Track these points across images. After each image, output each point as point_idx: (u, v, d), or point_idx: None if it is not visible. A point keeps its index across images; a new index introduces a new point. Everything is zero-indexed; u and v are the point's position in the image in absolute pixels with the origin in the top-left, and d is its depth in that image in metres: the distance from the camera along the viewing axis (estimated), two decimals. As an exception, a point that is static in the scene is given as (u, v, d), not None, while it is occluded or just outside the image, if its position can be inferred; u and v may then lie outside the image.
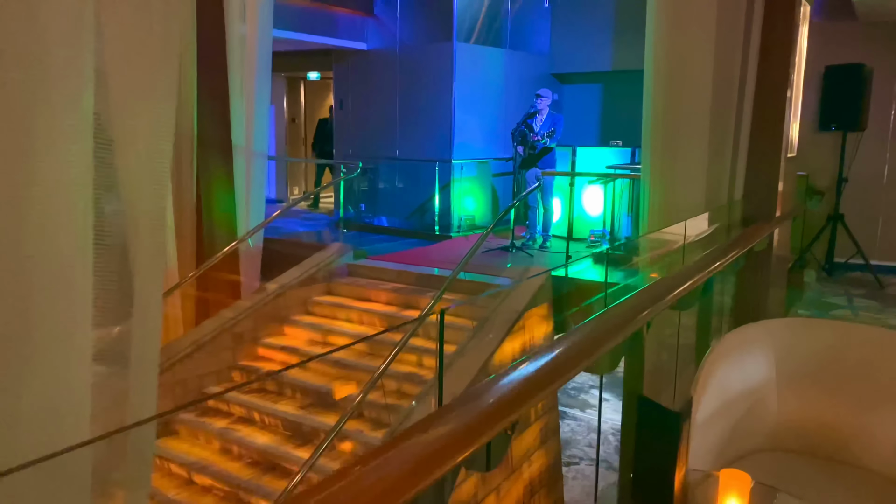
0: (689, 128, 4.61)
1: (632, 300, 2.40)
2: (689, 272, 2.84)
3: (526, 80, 9.71)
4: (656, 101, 4.66)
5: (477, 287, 6.24)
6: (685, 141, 4.64)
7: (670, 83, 4.59)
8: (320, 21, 9.32)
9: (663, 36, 4.37)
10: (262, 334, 6.29)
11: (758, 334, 2.28)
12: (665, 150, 4.70)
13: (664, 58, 4.35)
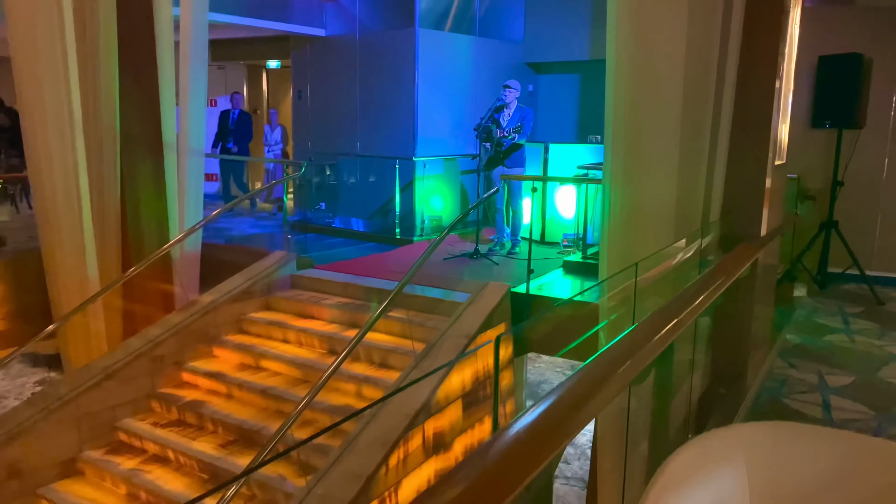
0: (656, 124, 3.93)
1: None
2: (645, 333, 2.16)
3: (498, 70, 9.00)
4: (618, 92, 3.97)
5: (429, 303, 5.56)
6: (651, 140, 3.95)
7: (634, 71, 3.91)
8: (276, 5, 8.56)
9: (625, 16, 3.68)
10: (188, 356, 5.59)
11: (725, 444, 1.61)
12: (628, 150, 4.01)
13: (626, 42, 3.67)
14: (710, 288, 2.76)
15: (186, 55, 6.40)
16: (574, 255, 6.77)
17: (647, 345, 2.07)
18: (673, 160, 3.70)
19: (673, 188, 3.71)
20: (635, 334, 2.16)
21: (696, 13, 3.58)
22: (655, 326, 2.22)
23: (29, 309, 6.48)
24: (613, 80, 3.78)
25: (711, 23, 3.73)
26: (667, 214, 3.79)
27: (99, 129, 6.10)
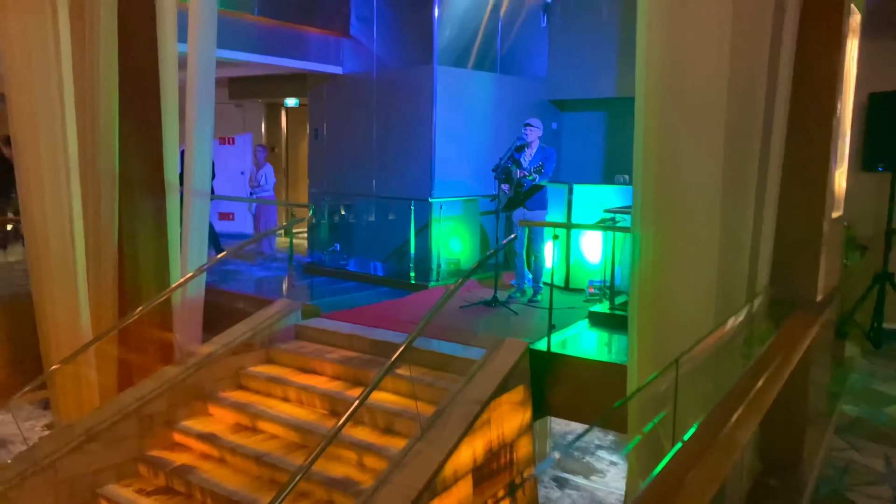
0: (693, 167, 3.47)
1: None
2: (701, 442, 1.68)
3: (520, 108, 8.64)
4: (649, 131, 3.52)
5: (441, 360, 5.10)
6: (688, 184, 3.49)
7: (667, 108, 3.46)
8: (292, 43, 8.33)
9: (657, 49, 3.25)
10: (181, 415, 5.18)
11: None
12: (661, 195, 3.54)
13: (659, 77, 3.24)
14: (765, 375, 2.27)
15: (192, 93, 6.11)
16: (601, 306, 6.27)
17: (710, 457, 1.60)
18: (713, 207, 3.23)
19: (714, 239, 3.24)
20: (689, 450, 1.69)
21: (739, 45, 3.15)
22: (712, 431, 1.74)
23: (22, 357, 6.15)
24: (644, 117, 3.35)
25: (757, 55, 3.28)
26: (706, 269, 3.31)
27: (96, 170, 5.82)
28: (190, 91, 6.09)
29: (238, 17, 7.48)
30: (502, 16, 8.50)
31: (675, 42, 3.22)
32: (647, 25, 3.23)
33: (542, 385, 4.90)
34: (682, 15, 3.17)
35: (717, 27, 3.15)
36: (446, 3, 7.79)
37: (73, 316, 5.78)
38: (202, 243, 6.43)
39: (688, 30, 3.19)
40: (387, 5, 8.23)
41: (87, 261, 5.85)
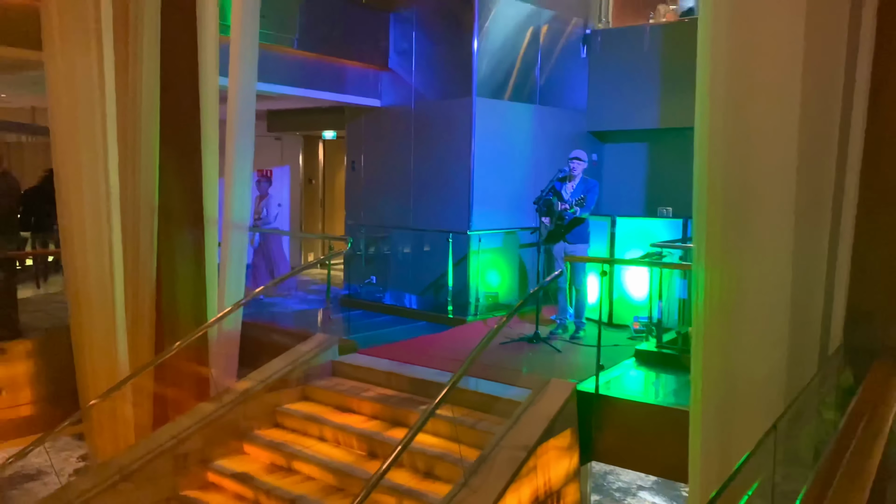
0: (761, 199, 3.26)
1: None
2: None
3: (559, 140, 8.50)
4: (713, 160, 3.32)
5: (483, 401, 4.90)
6: (755, 216, 3.28)
7: (731, 137, 3.27)
8: (331, 76, 8.35)
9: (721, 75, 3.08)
10: (216, 453, 5.06)
11: None
12: (726, 228, 3.33)
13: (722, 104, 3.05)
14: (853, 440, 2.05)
15: (232, 126, 6.11)
16: (648, 343, 6.03)
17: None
18: (784, 242, 3.02)
19: (786, 276, 3.02)
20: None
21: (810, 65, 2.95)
22: None
23: (58, 391, 6.11)
24: (706, 148, 3.15)
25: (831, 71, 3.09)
26: (777, 308, 3.08)
27: (136, 203, 5.81)
28: (230, 124, 6.09)
29: (278, 51, 7.51)
30: (541, 47, 8.42)
31: (740, 68, 3.05)
32: (709, 53, 3.07)
33: (589, 428, 4.67)
34: (747, 40, 3.01)
35: (786, 50, 2.98)
36: (485, 35, 7.74)
37: (111, 349, 5.73)
38: (240, 276, 6.36)
39: (754, 56, 3.02)
40: (426, 38, 8.22)
41: (126, 293, 5.81)
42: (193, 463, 4.93)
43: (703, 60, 3.10)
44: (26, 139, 13.53)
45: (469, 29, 7.68)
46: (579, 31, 8.96)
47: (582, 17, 8.98)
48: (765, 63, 3.08)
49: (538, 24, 8.34)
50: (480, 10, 7.65)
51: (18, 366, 6.09)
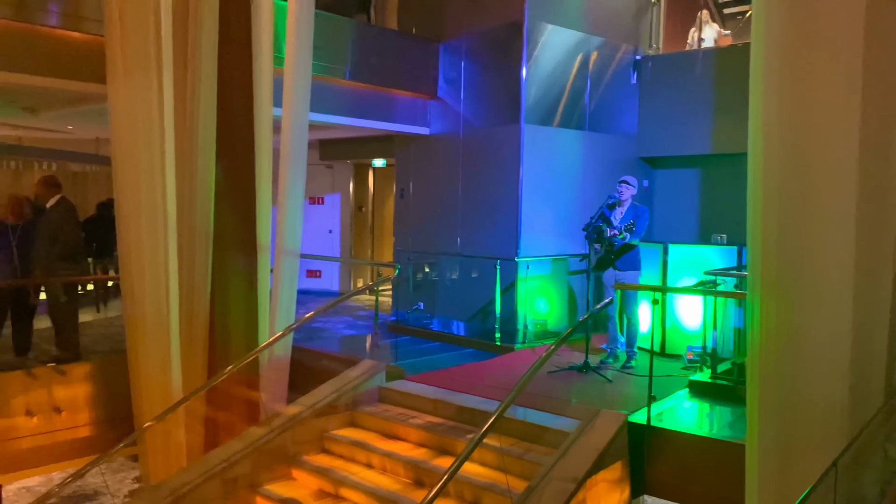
0: (821, 228, 3.15)
1: None
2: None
3: (609, 166, 8.43)
4: (769, 186, 3.23)
5: (531, 431, 4.83)
6: (815, 247, 3.17)
7: (787, 163, 3.17)
8: (381, 106, 8.49)
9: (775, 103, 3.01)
10: (264, 478, 5.11)
11: None
12: (783, 258, 3.23)
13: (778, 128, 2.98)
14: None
15: (286, 155, 6.25)
16: (702, 374, 5.86)
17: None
18: (845, 271, 2.91)
19: (846, 307, 2.90)
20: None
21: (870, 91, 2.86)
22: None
23: (115, 414, 6.26)
24: (760, 175, 3.08)
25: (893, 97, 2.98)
26: (837, 340, 2.96)
27: (192, 230, 5.96)
28: (283, 153, 6.23)
29: (330, 82, 7.68)
30: (591, 74, 8.41)
31: (796, 94, 2.98)
32: (763, 78, 3.00)
33: (641, 461, 4.55)
34: (801, 64, 2.94)
35: (843, 73, 2.89)
36: (534, 62, 7.77)
37: (165, 373, 5.86)
38: (291, 302, 6.46)
39: (811, 80, 2.95)
40: (475, 67, 8.29)
41: (181, 318, 5.94)
42: (242, 487, 4.97)
43: (756, 85, 3.03)
44: (90, 169, 14.10)
45: (517, 57, 7.73)
46: (629, 58, 8.92)
47: (632, 44, 8.94)
48: (820, 87, 3.00)
49: (587, 50, 8.34)
50: (529, 38, 7.70)
51: (78, 388, 6.27)
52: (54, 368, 6.17)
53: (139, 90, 5.57)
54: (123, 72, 5.58)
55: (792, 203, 3.08)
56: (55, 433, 6.15)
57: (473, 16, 8.30)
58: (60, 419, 6.16)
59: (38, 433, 6.05)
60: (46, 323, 7.19)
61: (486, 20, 8.15)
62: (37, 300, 7.02)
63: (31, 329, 6.93)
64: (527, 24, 7.68)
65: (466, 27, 8.36)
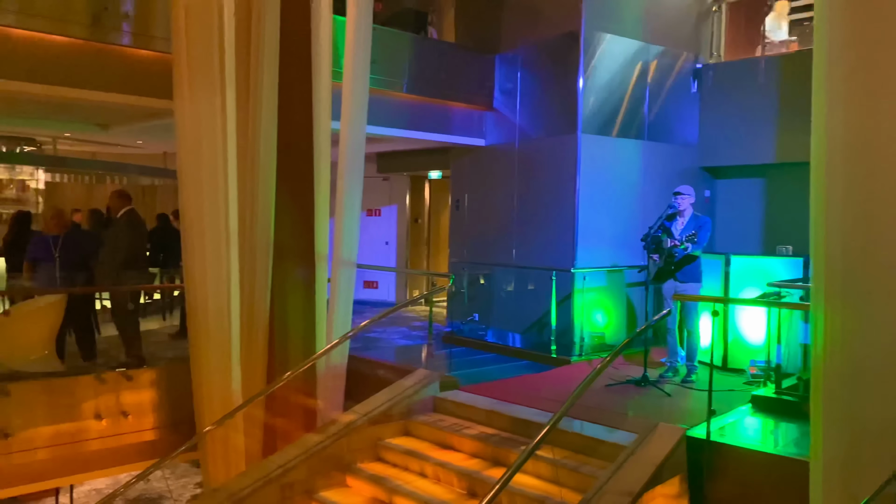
0: (888, 233, 3.01)
1: None
2: None
3: (669, 176, 8.26)
4: (832, 197, 3.11)
5: (586, 444, 4.76)
6: (880, 258, 3.04)
7: (852, 172, 3.05)
8: (437, 118, 8.57)
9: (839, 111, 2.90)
10: (319, 485, 5.17)
11: None
12: (846, 270, 3.10)
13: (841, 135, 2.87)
14: None
15: (343, 167, 6.37)
16: (765, 389, 5.67)
17: None
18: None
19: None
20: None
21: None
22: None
23: (178, 419, 6.45)
24: (823, 184, 2.98)
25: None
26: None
27: (254, 241, 6.11)
28: (341, 166, 6.35)
29: (388, 95, 7.79)
30: (650, 83, 8.29)
31: (859, 101, 2.87)
32: (826, 85, 2.91)
33: (701, 477, 4.42)
34: (867, 70, 2.83)
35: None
36: (591, 72, 7.71)
37: (226, 380, 6.00)
38: (347, 311, 6.55)
39: (875, 86, 2.84)
40: (531, 77, 8.29)
41: (241, 326, 6.09)
42: (298, 493, 5.05)
43: (819, 93, 2.94)
44: (158, 182, 14.65)
45: (574, 67, 7.69)
46: (689, 66, 8.76)
47: (692, 52, 8.79)
48: (885, 94, 2.88)
49: (646, 59, 8.23)
50: (586, 48, 7.65)
51: (143, 393, 6.48)
52: (122, 374, 6.40)
53: (204, 105, 5.77)
54: (189, 88, 5.79)
55: (856, 213, 2.96)
56: (122, 436, 6.36)
57: (530, 27, 8.31)
58: (127, 423, 6.37)
59: (106, 436, 6.27)
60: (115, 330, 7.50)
61: (543, 31, 8.14)
62: (93, 308, 7.37)
63: (92, 335, 7.22)
64: (584, 34, 7.63)
65: (522, 38, 8.37)
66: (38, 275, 6.92)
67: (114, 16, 6.05)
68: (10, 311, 6.72)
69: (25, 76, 5.85)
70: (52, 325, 6.59)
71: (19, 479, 5.96)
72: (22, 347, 6.43)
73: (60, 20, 5.77)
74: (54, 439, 5.98)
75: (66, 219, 7.23)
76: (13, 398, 5.75)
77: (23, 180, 12.11)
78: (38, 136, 11.77)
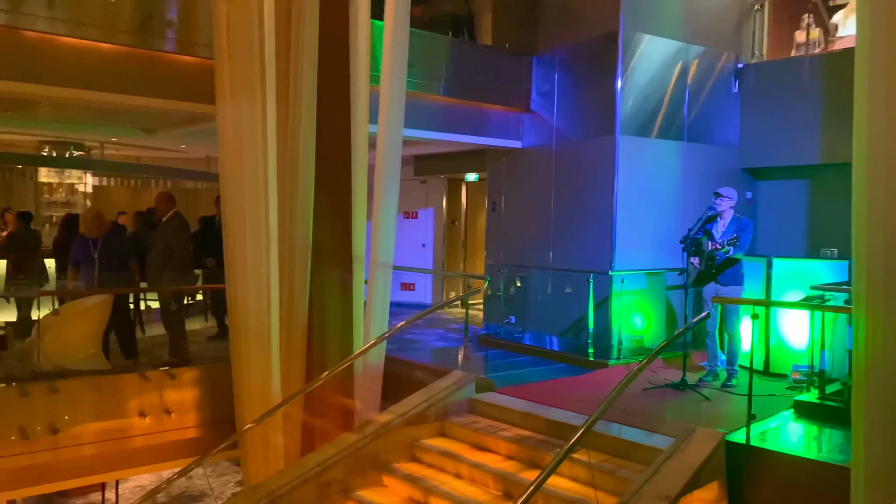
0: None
1: None
2: None
3: (709, 177, 8.14)
4: (875, 198, 3.04)
5: (622, 447, 4.72)
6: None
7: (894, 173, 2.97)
8: (474, 120, 8.59)
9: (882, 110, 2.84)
10: (356, 484, 5.22)
11: None
12: (890, 272, 3.02)
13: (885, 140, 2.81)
14: None
15: (380, 171, 6.43)
16: (808, 394, 5.55)
17: None
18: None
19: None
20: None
21: None
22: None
23: (219, 417, 6.57)
24: (864, 186, 2.91)
25: None
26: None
27: (293, 243, 6.21)
28: (378, 169, 6.41)
29: (425, 98, 7.83)
30: (689, 83, 8.18)
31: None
32: (867, 85, 2.85)
33: (740, 482, 4.35)
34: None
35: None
36: (630, 73, 7.65)
37: (266, 379, 6.10)
38: (384, 312, 6.61)
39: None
40: (568, 79, 8.26)
41: (281, 326, 6.19)
42: (335, 491, 5.10)
43: (860, 92, 2.88)
44: (201, 185, 14.99)
45: (612, 68, 7.63)
46: (731, 66, 8.63)
47: (733, 52, 8.65)
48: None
49: (686, 60, 8.13)
50: (624, 48, 7.59)
51: (186, 391, 6.63)
52: (165, 372, 6.55)
53: (244, 110, 5.88)
54: (230, 93, 5.91)
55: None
56: (165, 433, 6.51)
57: (567, 28, 8.28)
58: (170, 420, 6.52)
59: (149, 433, 6.42)
60: (160, 329, 7.68)
61: (581, 32, 8.11)
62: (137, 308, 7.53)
63: (133, 335, 7.40)
64: (622, 35, 7.58)
65: (560, 40, 8.34)
66: (80, 275, 7.13)
67: (158, 23, 6.21)
68: (59, 311, 6.92)
69: (77, 83, 6.04)
70: (99, 324, 6.78)
71: (67, 473, 6.15)
72: (70, 346, 6.62)
73: (108, 28, 5.95)
74: (100, 435, 6.14)
75: (105, 221, 7.43)
76: (62, 395, 5.94)
77: (71, 184, 12.49)
78: (86, 140, 12.15)
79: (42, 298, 7.36)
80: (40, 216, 12.02)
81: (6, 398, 5.76)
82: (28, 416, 5.80)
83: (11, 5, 5.51)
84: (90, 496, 9.50)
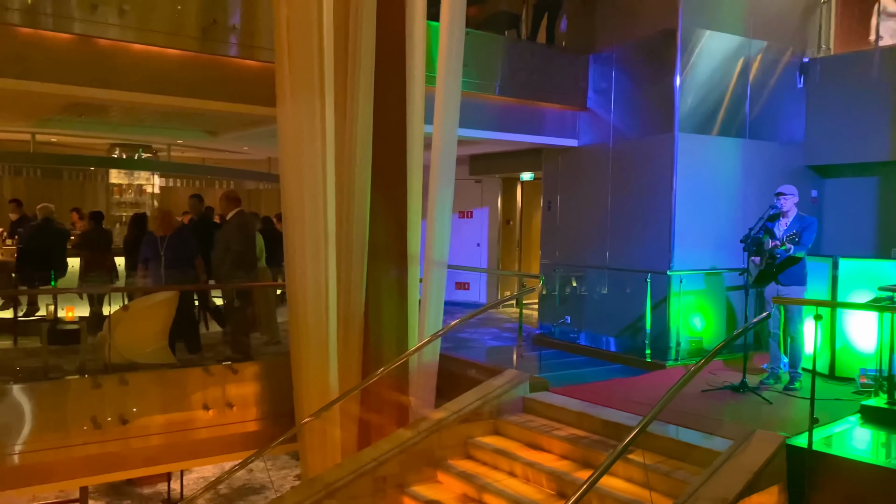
0: None
1: None
2: None
3: (772, 175, 7.92)
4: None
5: (679, 448, 4.65)
6: None
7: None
8: (530, 119, 8.58)
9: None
10: (411, 479, 5.29)
11: None
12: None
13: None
14: None
15: (435, 170, 6.49)
16: (876, 399, 5.35)
17: None
18: None
19: None
20: None
21: None
22: None
23: (279, 411, 6.74)
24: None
25: None
26: None
27: (350, 242, 6.32)
28: (433, 169, 6.48)
29: (480, 98, 7.86)
30: (751, 79, 7.99)
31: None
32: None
33: (802, 487, 4.23)
34: None
35: None
36: (689, 70, 7.52)
37: (323, 375, 6.23)
38: (438, 310, 6.67)
39: None
40: (626, 77, 8.16)
41: (338, 323, 6.31)
42: (391, 486, 5.18)
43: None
44: (263, 186, 15.37)
45: (671, 65, 7.52)
46: (795, 61, 8.38)
47: (798, 46, 8.39)
48: None
49: (748, 55, 7.94)
50: (683, 45, 7.46)
51: (247, 386, 6.82)
52: (228, 367, 6.76)
53: (304, 112, 6.02)
54: (290, 95, 6.06)
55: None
56: (227, 426, 6.71)
57: (625, 26, 8.18)
58: (232, 413, 6.72)
59: (212, 425, 6.64)
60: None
61: (638, 29, 8.01)
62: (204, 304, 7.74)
63: (197, 330, 7.64)
64: (681, 31, 7.45)
65: (617, 37, 8.25)
66: (147, 272, 7.41)
67: (221, 29, 6.42)
68: (128, 307, 7.22)
69: (145, 88, 6.29)
70: (166, 319, 7.03)
71: (135, 462, 6.40)
72: (139, 340, 6.89)
73: (174, 34, 6.18)
74: (166, 427, 6.37)
75: (173, 220, 7.69)
76: (131, 387, 6.19)
77: (140, 185, 12.98)
78: (154, 143, 12.62)
79: (112, 294, 7.69)
80: (111, 216, 12.53)
81: (80, 389, 6.03)
82: (100, 407, 6.06)
83: (85, 14, 5.78)
84: (157, 486, 9.88)
